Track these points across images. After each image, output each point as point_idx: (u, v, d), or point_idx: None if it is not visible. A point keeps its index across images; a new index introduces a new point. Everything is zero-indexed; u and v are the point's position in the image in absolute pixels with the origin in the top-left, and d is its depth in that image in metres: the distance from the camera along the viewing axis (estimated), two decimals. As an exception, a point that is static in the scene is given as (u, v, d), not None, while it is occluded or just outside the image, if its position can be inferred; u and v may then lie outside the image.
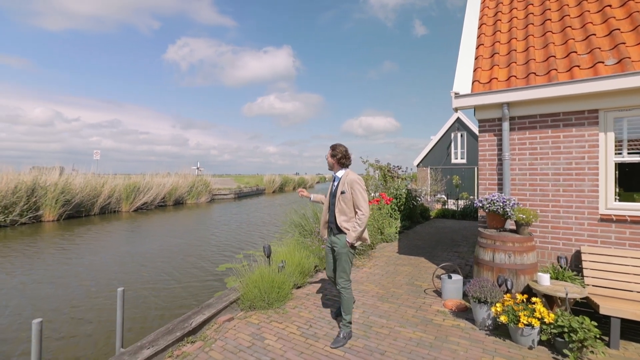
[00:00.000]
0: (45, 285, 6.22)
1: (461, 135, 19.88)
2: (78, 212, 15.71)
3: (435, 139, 20.88)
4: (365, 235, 3.11)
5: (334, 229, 3.08)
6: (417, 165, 21.64)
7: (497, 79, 4.02)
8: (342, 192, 3.01)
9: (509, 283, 3.11)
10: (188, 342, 3.01)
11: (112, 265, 7.64)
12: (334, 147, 3.16)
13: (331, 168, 3.21)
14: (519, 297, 2.96)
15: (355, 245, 3.03)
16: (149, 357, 2.62)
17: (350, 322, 3.07)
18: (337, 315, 3.48)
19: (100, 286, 6.17)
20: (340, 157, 3.12)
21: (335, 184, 3.15)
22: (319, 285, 4.59)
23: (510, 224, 3.83)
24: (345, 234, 3.00)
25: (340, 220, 3.02)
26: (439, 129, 20.89)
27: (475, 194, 18.53)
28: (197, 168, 35.69)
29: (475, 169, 19.00)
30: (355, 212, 2.99)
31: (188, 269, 7.31)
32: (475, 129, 19.01)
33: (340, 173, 3.16)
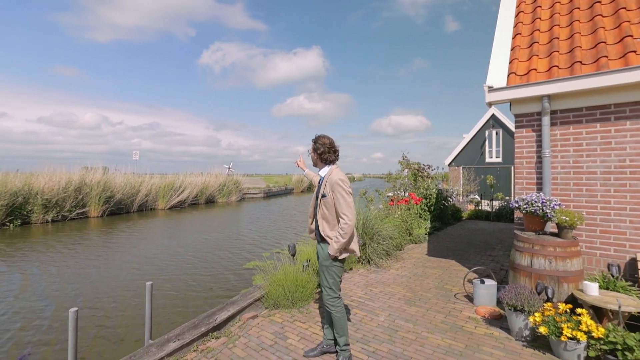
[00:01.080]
0: (91, 275, 6.67)
1: (496, 133, 18.85)
2: (119, 209, 16.77)
3: (468, 137, 19.97)
4: (354, 246, 2.57)
5: (318, 236, 2.64)
6: (449, 165, 20.82)
7: (536, 70, 3.72)
8: (323, 196, 2.54)
9: (549, 291, 2.85)
10: (212, 338, 3.06)
11: (148, 259, 8.04)
12: (315, 140, 2.66)
13: (315, 165, 2.73)
14: (561, 306, 2.70)
15: (339, 257, 2.53)
16: (175, 350, 2.69)
17: (347, 344, 2.59)
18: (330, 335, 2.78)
19: (142, 277, 6.51)
20: (322, 152, 2.60)
21: (320, 185, 2.67)
22: (345, 285, 4.51)
23: (551, 227, 3.53)
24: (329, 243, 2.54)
25: (323, 227, 2.56)
26: (472, 127, 19.97)
27: (512, 195, 17.50)
28: (229, 168, 36.82)
29: (512, 168, 17.93)
30: (338, 220, 2.49)
31: (217, 266, 7.53)
32: (512, 125, 17.94)
33: (323, 171, 2.65)
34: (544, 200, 3.24)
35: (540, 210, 3.20)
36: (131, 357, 2.55)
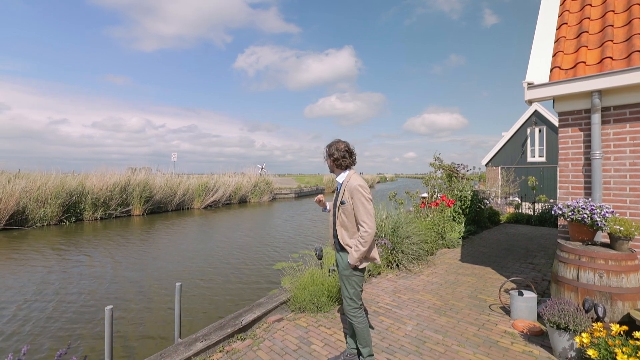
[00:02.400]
0: (130, 272, 7.13)
1: (539, 130, 17.51)
2: (158, 208, 17.80)
3: (507, 135, 18.75)
4: (374, 254, 2.49)
5: (337, 245, 2.55)
6: (486, 165, 19.71)
7: (584, 62, 3.37)
8: (342, 203, 2.44)
9: (599, 309, 2.56)
10: (238, 339, 3.11)
11: (184, 258, 8.44)
12: (329, 146, 2.54)
13: (332, 171, 2.60)
14: (614, 328, 2.42)
15: (360, 267, 2.44)
16: (202, 350, 2.77)
17: (371, 355, 2.52)
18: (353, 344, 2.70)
19: (178, 275, 6.85)
20: (337, 157, 2.49)
21: (338, 191, 2.57)
22: (372, 291, 4.40)
23: (602, 237, 3.18)
24: (348, 252, 2.46)
25: (343, 235, 2.46)
26: (512, 124, 18.74)
27: (557, 197, 16.20)
28: (262, 168, 37.71)
29: (557, 168, 16.60)
30: (358, 228, 2.41)
31: (246, 266, 7.71)
32: (557, 122, 16.60)
33: (341, 177, 2.53)
34: (593, 207, 2.92)
35: (589, 219, 2.89)
36: (161, 354, 2.66)
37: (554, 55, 3.73)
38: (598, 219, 2.85)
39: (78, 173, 17.04)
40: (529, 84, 3.57)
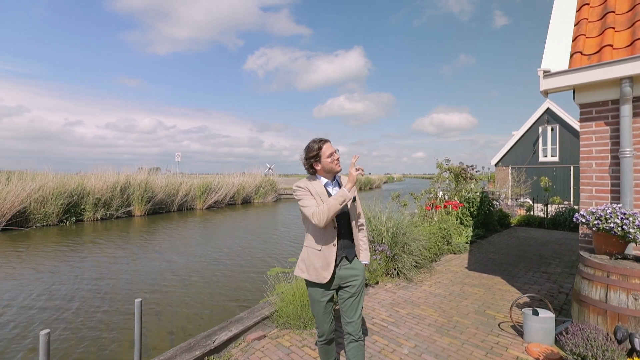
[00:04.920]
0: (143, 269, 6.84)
1: (552, 129, 16.80)
2: (160, 209, 17.61)
3: (518, 134, 18.05)
4: None
5: (349, 255, 2.10)
6: (496, 165, 19.03)
7: (611, 45, 2.91)
8: (354, 199, 2.14)
9: (636, 340, 2.11)
10: (209, 362, 2.74)
11: (177, 260, 8.13)
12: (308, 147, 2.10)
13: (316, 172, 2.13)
14: (653, 363, 1.97)
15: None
16: (164, 378, 2.41)
17: None
18: None
19: (180, 275, 6.53)
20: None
21: (335, 189, 2.12)
22: (367, 303, 3.98)
23: (633, 249, 2.72)
24: (356, 257, 2.15)
25: (358, 237, 2.18)
26: (523, 123, 18.04)
27: (571, 199, 15.49)
28: (269, 168, 37.50)
29: (571, 168, 15.87)
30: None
31: (239, 271, 7.35)
32: (571, 120, 15.88)
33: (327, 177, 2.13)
34: (624, 215, 2.47)
35: (619, 229, 2.43)
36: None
37: (574, 40, 3.27)
38: (632, 230, 2.38)
39: (84, 174, 16.98)
40: (545, 72, 3.12)
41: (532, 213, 11.46)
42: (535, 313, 2.99)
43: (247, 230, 12.94)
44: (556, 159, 16.56)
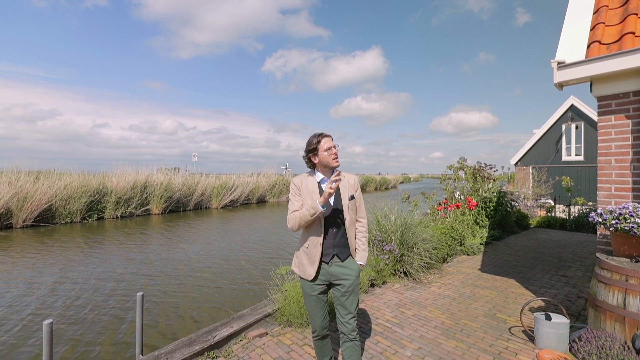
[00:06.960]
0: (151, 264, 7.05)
1: (576, 127, 16.02)
2: (177, 207, 18.05)
3: (539, 132, 17.31)
4: None
5: (342, 254, 2.09)
6: (515, 164, 18.35)
7: (634, 33, 2.72)
8: (352, 198, 2.12)
9: (654, 349, 1.95)
10: (209, 357, 2.75)
11: (196, 256, 8.29)
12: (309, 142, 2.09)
13: (314, 167, 2.14)
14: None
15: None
16: (163, 371, 2.43)
17: None
18: None
19: (195, 269, 6.67)
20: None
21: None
22: (372, 304, 3.91)
23: (656, 251, 2.52)
24: (352, 256, 2.13)
25: (351, 236, 2.14)
26: (544, 121, 17.29)
27: (597, 199, 14.70)
28: (285, 168, 37.77)
29: (597, 165, 15.06)
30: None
31: (247, 270, 7.41)
32: (596, 115, 15.07)
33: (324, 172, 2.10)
34: (645, 214, 2.29)
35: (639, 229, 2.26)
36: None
37: (592, 29, 3.08)
38: (652, 230, 2.21)
39: (106, 173, 17.64)
40: (559, 63, 2.96)
41: (553, 214, 10.97)
42: (548, 318, 2.83)
43: (261, 228, 13.05)
44: (581, 157, 15.78)
